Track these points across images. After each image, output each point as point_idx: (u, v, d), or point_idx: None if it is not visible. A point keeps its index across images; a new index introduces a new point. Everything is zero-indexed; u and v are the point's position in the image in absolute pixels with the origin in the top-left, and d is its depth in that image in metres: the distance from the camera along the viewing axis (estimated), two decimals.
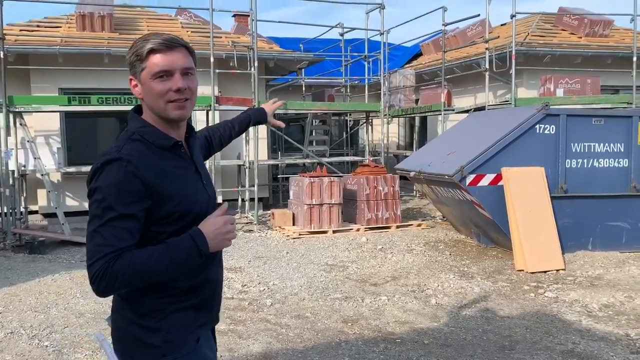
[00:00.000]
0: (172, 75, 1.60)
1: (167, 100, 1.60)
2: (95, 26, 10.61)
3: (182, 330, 1.66)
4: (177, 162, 1.66)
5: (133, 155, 1.56)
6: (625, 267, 6.49)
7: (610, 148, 7.18)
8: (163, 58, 1.60)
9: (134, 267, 1.48)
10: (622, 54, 11.65)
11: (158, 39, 1.61)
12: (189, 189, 1.65)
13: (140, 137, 1.62)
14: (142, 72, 1.61)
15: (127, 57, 1.65)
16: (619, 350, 4.13)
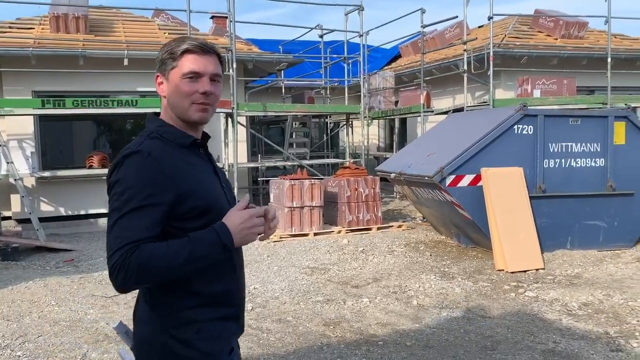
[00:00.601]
0: (201, 77, 1.62)
1: (192, 102, 1.62)
2: (70, 27, 10.41)
3: (218, 342, 1.62)
4: (196, 160, 1.66)
5: (153, 149, 1.55)
6: (603, 266, 6.56)
7: (587, 148, 7.27)
8: (196, 60, 1.62)
9: (152, 258, 1.43)
10: (597, 55, 11.83)
11: (195, 42, 1.64)
12: (207, 186, 1.63)
13: (158, 136, 1.62)
14: (172, 70, 1.63)
15: (158, 55, 1.67)
16: (599, 349, 4.15)
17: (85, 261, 7.33)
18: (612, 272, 6.31)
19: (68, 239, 9.00)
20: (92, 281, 6.29)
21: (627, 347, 4.18)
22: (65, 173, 9.73)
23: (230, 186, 1.80)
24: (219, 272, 1.63)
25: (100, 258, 7.48)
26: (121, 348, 1.85)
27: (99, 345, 4.32)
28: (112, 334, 4.56)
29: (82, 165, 9.90)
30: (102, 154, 10.04)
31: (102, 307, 5.29)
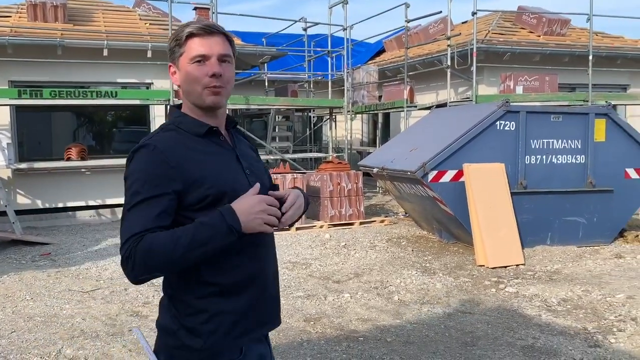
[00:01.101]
0: (209, 60, 1.58)
1: (203, 86, 1.58)
2: (48, 16, 10.18)
3: (223, 337, 1.57)
4: (213, 148, 1.62)
5: (162, 142, 1.55)
6: (582, 262, 6.62)
7: (568, 145, 7.32)
8: (201, 42, 1.59)
9: (154, 245, 1.43)
10: (579, 53, 11.92)
11: (197, 24, 1.60)
12: (223, 174, 1.59)
13: (174, 127, 1.62)
14: (180, 57, 1.61)
15: (168, 45, 1.66)
16: (577, 344, 4.18)
17: (63, 255, 7.20)
18: (591, 268, 6.37)
19: (45, 232, 8.84)
20: (69, 275, 6.17)
21: (605, 342, 4.21)
22: (42, 165, 9.54)
23: (259, 171, 1.71)
24: (231, 261, 1.57)
25: (78, 252, 7.35)
26: (135, 328, 1.82)
27: (74, 341, 4.23)
28: (87, 329, 4.48)
29: (60, 157, 9.71)
30: (81, 145, 9.86)
31: (79, 302, 5.19)
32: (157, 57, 9.74)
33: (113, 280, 5.97)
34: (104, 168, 10.02)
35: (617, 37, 14.07)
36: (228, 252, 1.54)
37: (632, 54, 12.84)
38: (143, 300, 5.27)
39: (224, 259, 1.56)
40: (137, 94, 9.62)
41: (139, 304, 5.15)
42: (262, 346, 1.72)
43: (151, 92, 10.00)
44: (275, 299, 1.75)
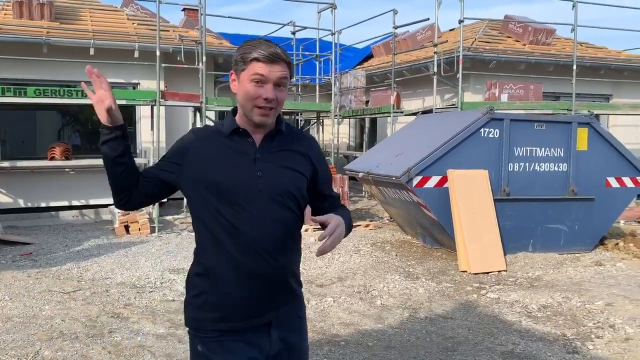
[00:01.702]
0: (266, 84, 1.78)
1: (254, 105, 1.79)
2: (34, 14, 10.08)
3: (203, 315, 1.83)
4: (233, 146, 1.85)
5: (199, 133, 1.92)
6: (563, 269, 6.70)
7: (550, 152, 7.40)
8: (263, 68, 1.77)
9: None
10: (563, 62, 12.08)
11: (264, 52, 1.76)
12: (226, 166, 1.81)
13: (220, 124, 1.94)
14: (242, 72, 1.80)
15: (234, 55, 1.85)
16: (556, 350, 4.23)
17: (44, 255, 7.12)
18: (572, 275, 6.44)
19: (27, 231, 8.73)
20: (49, 276, 6.10)
21: (583, 349, 4.26)
22: (25, 164, 9.44)
23: (275, 177, 1.84)
24: (217, 244, 1.81)
25: (60, 252, 7.28)
26: None
27: (53, 342, 4.19)
28: (67, 331, 4.43)
29: (43, 157, 9.61)
30: (65, 145, 9.76)
31: (59, 303, 5.14)
32: (144, 58, 9.70)
33: (94, 282, 5.92)
34: (88, 168, 9.93)
35: (600, 48, 14.29)
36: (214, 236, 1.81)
37: (615, 64, 13.05)
38: (124, 302, 5.23)
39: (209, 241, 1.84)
40: (123, 94, 9.54)
41: (120, 306, 5.11)
42: (256, 333, 1.85)
43: (138, 92, 9.95)
44: (275, 295, 1.87)
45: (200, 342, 1.84)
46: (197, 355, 1.86)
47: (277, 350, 1.88)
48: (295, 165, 1.90)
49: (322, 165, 2.02)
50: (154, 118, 9.17)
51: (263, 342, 1.86)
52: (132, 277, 6.11)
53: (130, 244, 7.72)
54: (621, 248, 7.67)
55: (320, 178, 2.01)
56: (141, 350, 4.08)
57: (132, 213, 8.55)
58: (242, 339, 1.83)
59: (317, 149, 2.04)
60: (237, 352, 1.82)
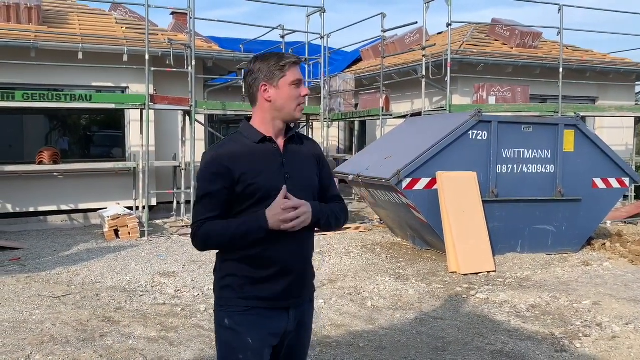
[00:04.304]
0: (301, 84, 2.11)
1: (297, 103, 2.10)
2: (22, 18, 10.03)
3: (230, 292, 2.08)
4: (262, 154, 2.07)
5: (223, 147, 2.07)
6: (551, 269, 6.78)
7: (538, 154, 7.49)
8: (297, 70, 2.10)
9: (211, 233, 2.01)
10: (550, 65, 12.22)
11: (293, 59, 2.10)
12: (263, 174, 2.03)
13: (238, 134, 2.12)
14: (281, 79, 2.06)
15: (265, 67, 2.07)
16: (544, 349, 4.28)
17: (33, 260, 7.08)
18: (560, 275, 6.52)
19: (15, 236, 8.67)
20: (39, 281, 6.07)
21: (571, 347, 4.32)
22: (13, 168, 9.37)
23: (300, 176, 2.11)
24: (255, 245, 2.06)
25: (49, 257, 7.24)
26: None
27: (43, 347, 4.17)
28: (58, 335, 4.42)
29: (32, 161, 9.55)
30: (54, 149, 9.70)
31: (49, 308, 5.12)
32: (133, 62, 9.68)
33: (84, 286, 5.90)
34: (77, 172, 9.89)
35: (586, 51, 14.47)
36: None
37: (600, 67, 13.21)
38: (115, 306, 5.22)
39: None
40: (112, 98, 9.52)
41: (110, 310, 5.10)
42: (278, 313, 2.10)
43: (126, 96, 9.92)
44: (297, 281, 2.13)
45: (228, 316, 2.08)
46: (224, 329, 2.09)
47: (292, 328, 2.14)
48: (310, 165, 2.21)
49: (325, 165, 2.31)
50: (143, 122, 9.15)
51: (283, 320, 2.12)
52: (123, 281, 6.10)
53: (120, 248, 7.69)
54: (608, 248, 7.77)
55: (323, 176, 2.28)
56: (133, 353, 4.08)
57: (122, 217, 8.53)
58: (267, 316, 2.08)
59: (320, 150, 2.33)
60: (262, 327, 2.08)
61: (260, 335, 2.05)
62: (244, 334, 2.04)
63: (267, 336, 2.07)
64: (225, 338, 2.08)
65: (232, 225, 2.01)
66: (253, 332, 2.05)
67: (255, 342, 2.04)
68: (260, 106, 2.11)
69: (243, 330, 2.04)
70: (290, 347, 2.18)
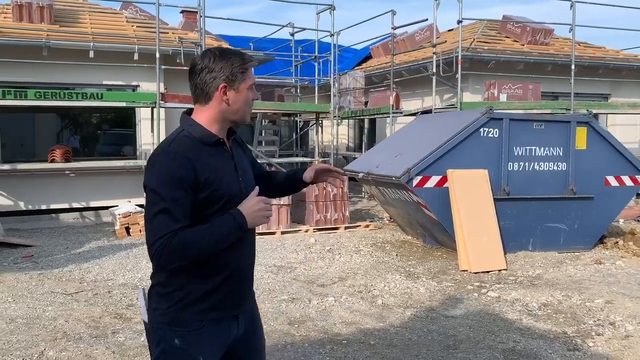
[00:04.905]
0: (254, 87, 2.00)
1: (250, 107, 2.00)
2: (34, 17, 10.11)
3: (183, 308, 1.90)
4: (218, 157, 1.93)
5: (180, 147, 1.85)
6: (562, 267, 6.73)
7: (549, 152, 7.43)
8: (252, 73, 1.99)
9: (189, 242, 1.78)
10: (562, 62, 12.12)
11: (252, 58, 1.98)
12: (225, 179, 1.91)
13: (188, 134, 1.91)
14: (242, 82, 1.93)
15: (228, 67, 1.91)
16: (556, 348, 4.25)
17: (45, 257, 7.14)
18: (572, 273, 6.47)
19: (27, 234, 8.75)
20: (51, 278, 6.13)
21: (584, 346, 4.29)
22: (26, 166, 9.45)
23: (249, 179, 2.06)
24: None
25: (61, 254, 7.30)
26: (142, 288, 2.14)
27: (56, 343, 4.21)
28: (70, 331, 4.46)
29: (44, 159, 9.63)
30: (65, 147, 9.78)
31: (62, 305, 5.16)
32: (143, 60, 9.72)
33: (96, 283, 5.94)
34: (89, 170, 9.95)
35: (599, 47, 14.34)
36: None
37: (613, 63, 13.10)
38: (127, 303, 5.25)
39: None
40: (123, 96, 9.58)
41: (122, 307, 5.14)
42: (228, 321, 2.00)
43: (137, 94, 9.98)
44: (246, 286, 2.08)
45: (178, 335, 1.91)
46: (174, 349, 1.90)
47: (242, 333, 2.06)
48: (248, 163, 2.16)
49: (250, 153, 2.27)
50: (154, 120, 9.20)
51: (233, 328, 2.03)
52: (134, 278, 6.14)
53: (131, 246, 7.74)
54: (621, 246, 7.70)
55: (254, 164, 2.27)
56: (145, 350, 4.10)
57: (133, 214, 8.58)
58: (220, 326, 1.98)
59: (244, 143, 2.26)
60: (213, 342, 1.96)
61: (211, 351, 1.95)
62: (195, 353, 1.90)
63: (217, 351, 1.98)
64: (174, 359, 1.91)
65: (207, 231, 1.82)
66: (205, 350, 1.93)
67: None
68: (213, 106, 1.93)
69: (194, 351, 1.90)
70: (243, 353, 2.08)
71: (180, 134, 1.91)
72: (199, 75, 1.92)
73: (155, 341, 1.92)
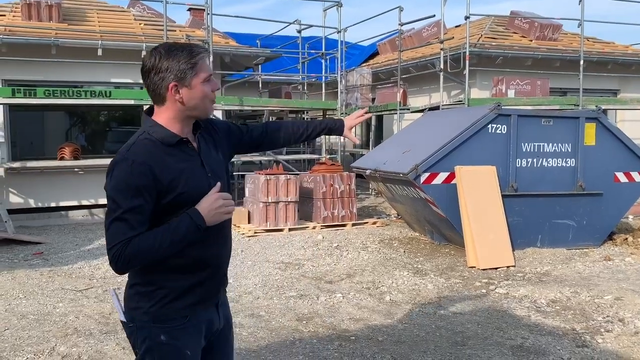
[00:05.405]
0: (212, 78, 1.92)
1: (210, 100, 1.93)
2: (42, 16, 10.18)
3: (166, 305, 1.89)
4: (181, 157, 1.88)
5: (139, 153, 1.80)
6: (571, 264, 6.70)
7: (558, 148, 7.40)
8: (207, 64, 1.91)
9: (143, 249, 1.76)
10: (570, 58, 12.05)
11: (201, 49, 1.90)
12: (190, 180, 1.86)
13: (149, 135, 1.86)
14: (193, 78, 1.85)
15: (174, 66, 1.83)
16: (565, 344, 4.24)
17: (55, 254, 7.20)
18: (580, 270, 6.45)
19: (38, 231, 8.83)
20: (61, 274, 6.18)
21: (593, 343, 4.28)
22: (35, 164, 9.54)
23: (221, 174, 1.99)
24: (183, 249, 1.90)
25: (71, 251, 7.36)
26: (113, 289, 2.15)
27: (67, 339, 4.25)
28: (81, 327, 4.50)
29: (53, 157, 9.71)
30: (74, 145, 9.86)
31: (72, 301, 5.20)
32: None
33: (106, 280, 5.99)
34: (97, 168, 10.01)
35: (608, 43, 14.24)
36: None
37: (622, 59, 13.00)
38: None
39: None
40: (131, 94, 9.63)
41: None
42: (209, 313, 2.01)
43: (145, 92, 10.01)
44: (224, 277, 2.10)
45: (164, 331, 1.89)
46: (160, 345, 1.89)
47: (222, 326, 2.09)
48: (220, 153, 2.08)
49: (233, 130, 2.20)
50: None
51: (215, 318, 2.04)
52: None
53: None
54: (630, 243, 7.66)
55: (239, 133, 2.21)
56: None
57: None
58: (203, 319, 1.99)
59: (223, 123, 2.19)
60: (198, 334, 1.97)
61: (196, 344, 1.96)
62: (183, 347, 1.91)
63: (200, 344, 1.99)
64: (162, 355, 1.90)
65: (163, 235, 1.78)
66: (191, 343, 1.94)
67: (192, 353, 1.95)
68: (169, 106, 1.87)
69: (181, 344, 1.91)
70: (221, 344, 2.11)
71: (141, 137, 1.86)
72: (148, 77, 1.87)
73: (140, 339, 1.90)
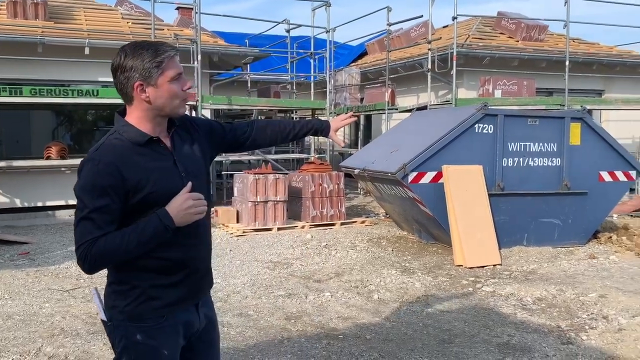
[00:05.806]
0: (182, 76, 1.89)
1: (181, 99, 1.88)
2: (28, 14, 10.09)
3: (142, 304, 1.87)
4: (152, 156, 1.85)
5: (107, 154, 1.78)
6: (557, 262, 6.78)
7: (544, 147, 7.48)
8: (176, 63, 1.87)
9: (109, 249, 1.75)
10: (556, 58, 12.17)
11: (169, 47, 1.86)
12: (161, 179, 1.83)
13: (119, 136, 1.84)
14: (159, 77, 1.82)
15: (139, 65, 1.80)
16: (550, 341, 4.30)
17: (42, 254, 7.15)
18: (566, 268, 6.53)
19: (24, 231, 8.75)
20: (48, 274, 6.14)
21: (577, 340, 4.34)
22: (21, 163, 9.45)
23: (197, 173, 1.96)
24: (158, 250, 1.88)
25: (57, 251, 7.30)
26: (95, 288, 2.15)
27: (54, 339, 4.23)
28: (68, 327, 4.48)
29: (39, 156, 9.62)
30: (61, 144, 9.78)
31: (58, 301, 5.17)
32: None
33: (93, 279, 5.95)
34: None
35: (593, 44, 14.40)
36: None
37: (607, 60, 13.16)
38: None
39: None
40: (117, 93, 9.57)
41: None
42: (188, 313, 1.99)
43: None
44: (204, 277, 2.05)
45: (140, 330, 1.88)
46: (137, 344, 1.88)
47: (204, 326, 2.06)
48: (198, 151, 2.03)
49: (216, 128, 2.16)
50: None
51: (194, 318, 2.02)
52: None
53: None
54: (614, 241, 7.76)
55: (221, 132, 2.17)
56: None
57: None
58: (181, 318, 1.97)
59: (204, 121, 2.17)
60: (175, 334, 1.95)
61: (174, 343, 1.94)
62: (159, 346, 1.89)
63: (178, 343, 1.97)
64: (138, 354, 1.89)
65: (130, 235, 1.77)
66: (167, 343, 1.92)
67: (169, 353, 1.92)
68: (137, 106, 1.86)
69: (158, 344, 1.89)
70: (201, 348, 2.07)
71: (110, 137, 1.84)
72: (115, 76, 1.86)
73: (117, 338, 1.90)
